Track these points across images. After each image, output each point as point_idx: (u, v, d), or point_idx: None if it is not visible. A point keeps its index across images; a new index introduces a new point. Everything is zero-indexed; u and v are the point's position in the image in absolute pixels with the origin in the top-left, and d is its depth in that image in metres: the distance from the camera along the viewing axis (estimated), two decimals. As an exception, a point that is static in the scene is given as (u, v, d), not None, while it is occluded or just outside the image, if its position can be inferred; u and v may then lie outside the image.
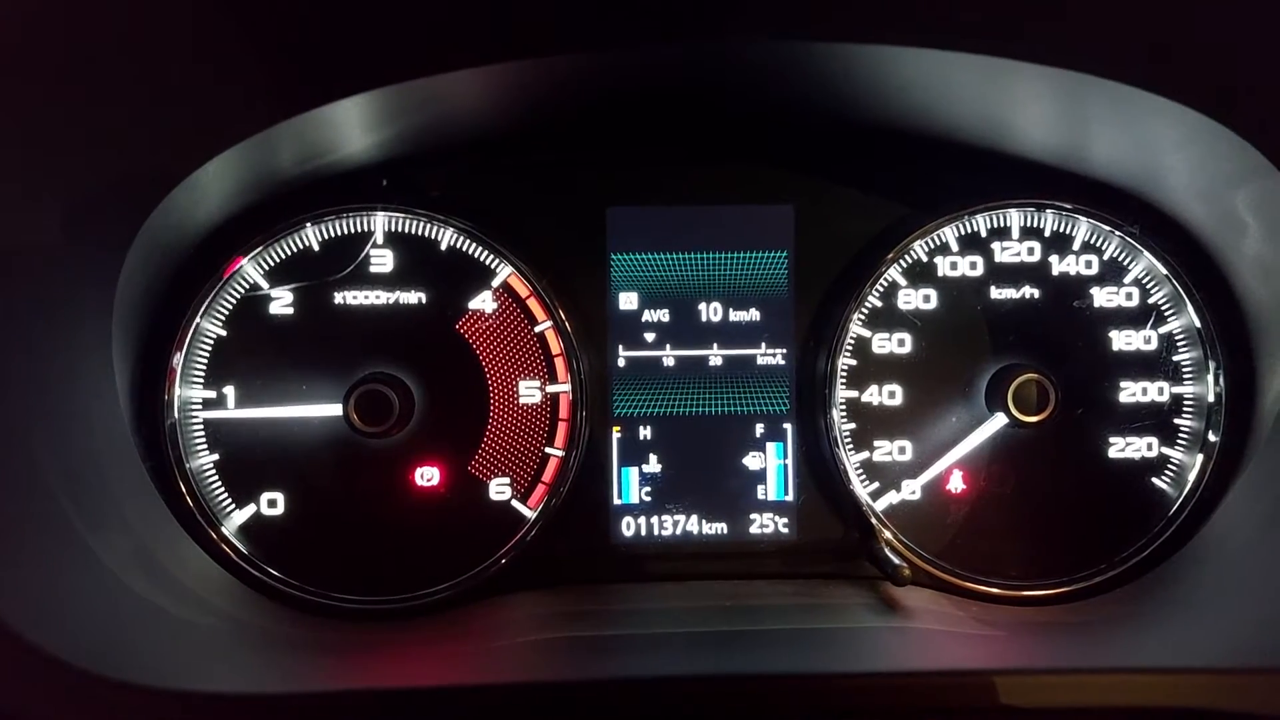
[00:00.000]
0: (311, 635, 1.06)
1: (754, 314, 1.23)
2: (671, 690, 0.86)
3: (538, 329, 1.18)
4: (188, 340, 1.13)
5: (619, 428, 1.22)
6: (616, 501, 1.22)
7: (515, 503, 1.18)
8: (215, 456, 1.14)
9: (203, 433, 1.14)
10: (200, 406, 1.14)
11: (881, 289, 1.20)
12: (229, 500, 1.14)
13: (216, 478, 1.14)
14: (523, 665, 0.94)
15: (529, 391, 1.19)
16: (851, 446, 1.20)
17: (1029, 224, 1.21)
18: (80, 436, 0.98)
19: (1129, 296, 1.20)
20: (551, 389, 1.19)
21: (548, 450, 1.19)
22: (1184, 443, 1.19)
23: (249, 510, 1.14)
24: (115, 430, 1.04)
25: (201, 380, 1.14)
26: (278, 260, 1.15)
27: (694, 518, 1.22)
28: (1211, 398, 1.18)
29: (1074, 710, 0.87)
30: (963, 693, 0.87)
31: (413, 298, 1.17)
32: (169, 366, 1.12)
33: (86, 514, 0.94)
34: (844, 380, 1.20)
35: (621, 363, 1.22)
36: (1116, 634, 1.04)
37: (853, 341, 1.20)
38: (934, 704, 0.86)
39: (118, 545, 0.96)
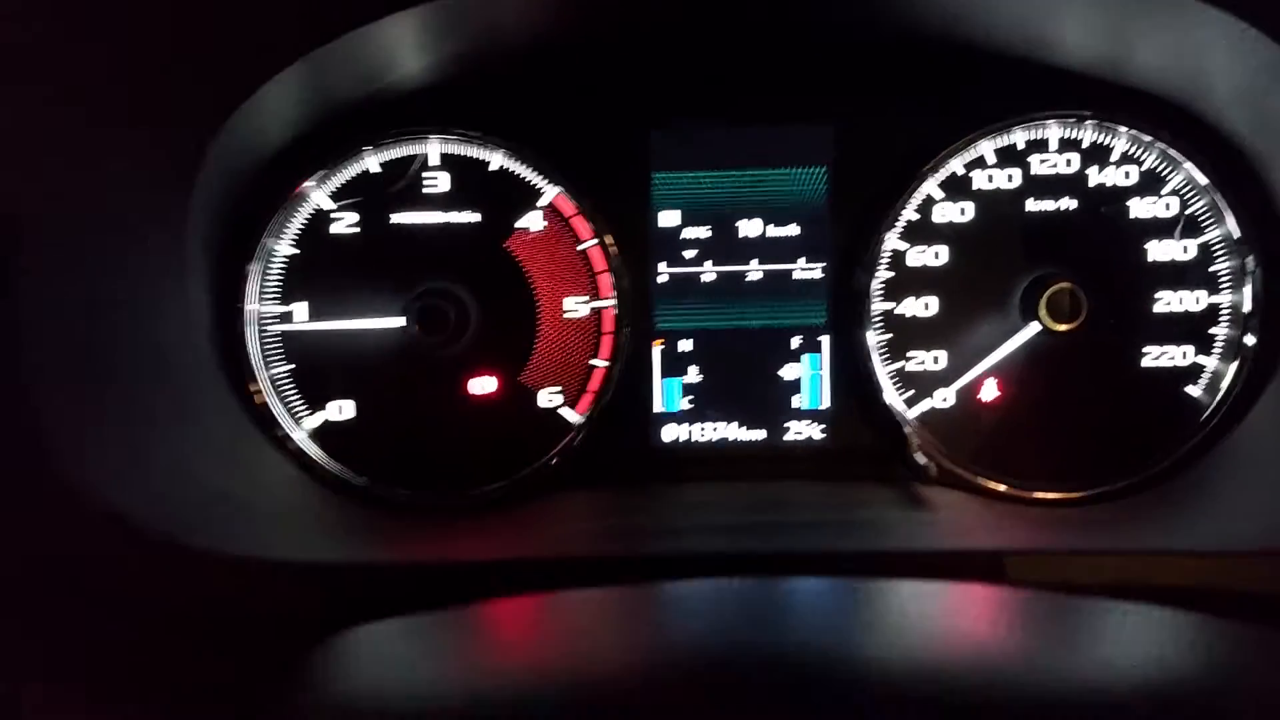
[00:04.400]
0: (376, 522, 1.15)
1: (793, 229, 1.26)
2: (705, 565, 0.92)
3: (582, 247, 1.24)
4: (262, 259, 1.20)
5: (660, 341, 1.28)
6: (658, 409, 1.28)
7: (563, 410, 1.25)
8: (290, 366, 1.23)
9: (280, 344, 1.22)
10: (275, 320, 1.22)
11: (918, 203, 1.23)
12: (303, 405, 1.23)
13: (292, 385, 1.23)
14: (569, 543, 1.02)
15: (574, 307, 1.25)
16: (887, 357, 1.24)
17: (1068, 136, 1.21)
18: (167, 351, 1.05)
19: (1167, 206, 1.20)
20: (596, 304, 1.25)
21: (593, 362, 1.25)
22: (1219, 350, 1.20)
23: (320, 417, 1.23)
24: (199, 345, 1.12)
25: (276, 296, 1.22)
26: (340, 184, 1.22)
27: (732, 425, 1.28)
28: (1248, 306, 1.18)
29: (1093, 587, 0.91)
30: (985, 569, 0.91)
31: (466, 217, 1.23)
32: (245, 284, 1.20)
33: (171, 411, 1.03)
34: (880, 293, 1.23)
35: (663, 279, 1.27)
36: (1142, 524, 1.07)
37: (889, 255, 1.23)
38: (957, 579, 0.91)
39: (201, 439, 1.06)
